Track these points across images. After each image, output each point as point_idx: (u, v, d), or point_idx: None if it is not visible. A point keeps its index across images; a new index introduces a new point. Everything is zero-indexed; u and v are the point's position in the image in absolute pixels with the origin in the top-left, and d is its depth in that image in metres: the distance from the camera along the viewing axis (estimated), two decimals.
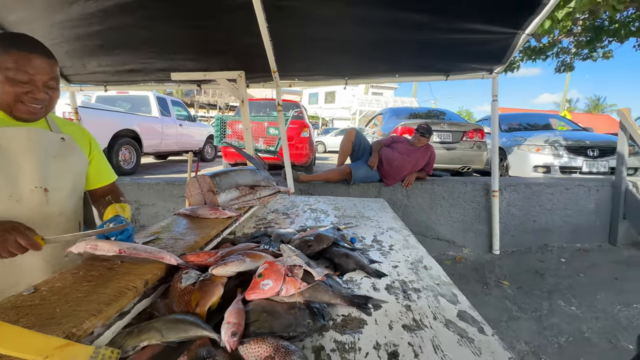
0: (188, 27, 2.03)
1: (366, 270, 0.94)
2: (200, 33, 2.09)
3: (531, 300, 2.08)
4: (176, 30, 2.06)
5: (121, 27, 1.96)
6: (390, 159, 2.76)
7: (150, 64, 2.43)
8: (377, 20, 1.96)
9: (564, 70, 6.68)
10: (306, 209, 1.82)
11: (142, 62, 2.42)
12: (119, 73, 2.56)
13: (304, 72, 2.57)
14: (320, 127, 24.19)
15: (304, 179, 2.77)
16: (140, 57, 2.35)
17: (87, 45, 2.16)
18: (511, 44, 2.12)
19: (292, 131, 4.68)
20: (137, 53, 2.30)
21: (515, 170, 4.77)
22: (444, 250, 2.88)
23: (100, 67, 2.48)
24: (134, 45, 2.20)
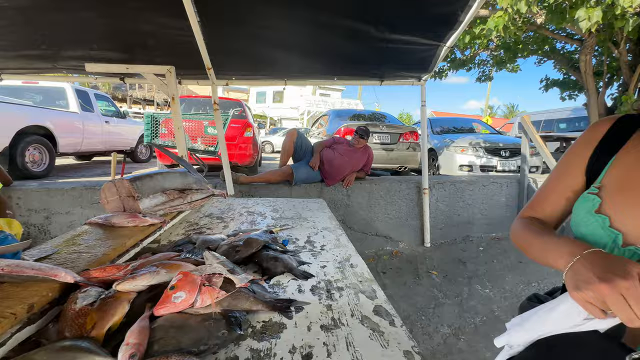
0: (110, 14, 1.83)
1: (294, 272, 0.94)
2: (124, 21, 1.90)
3: (455, 286, 2.31)
4: (96, 15, 1.84)
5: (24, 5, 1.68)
6: (331, 159, 2.83)
7: (60, 50, 2.13)
8: (315, 26, 2.00)
9: (484, 80, 7.58)
10: (243, 212, 1.77)
11: (50, 48, 2.10)
12: (18, 58, 2.19)
13: (241, 71, 2.49)
14: (268, 126, 23.83)
15: (244, 180, 2.68)
16: (48, 41, 2.03)
17: None
18: (435, 55, 2.33)
19: (235, 131, 4.52)
20: (45, 36, 1.99)
21: (445, 169, 5.27)
22: (383, 245, 3.05)
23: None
24: (42, 26, 1.90)
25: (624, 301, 0.36)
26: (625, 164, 0.51)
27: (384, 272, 2.55)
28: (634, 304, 0.35)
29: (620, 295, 0.36)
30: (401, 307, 2.03)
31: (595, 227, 0.50)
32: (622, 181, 0.50)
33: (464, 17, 1.93)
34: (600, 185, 0.53)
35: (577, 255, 0.44)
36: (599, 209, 0.50)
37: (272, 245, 1.11)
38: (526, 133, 3.30)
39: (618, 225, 0.48)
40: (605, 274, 0.38)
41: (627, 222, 0.47)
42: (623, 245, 0.47)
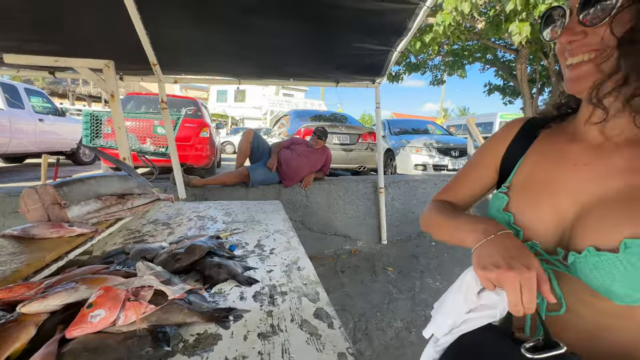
0: None
1: (238, 279, 0.91)
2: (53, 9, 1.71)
3: (408, 281, 2.42)
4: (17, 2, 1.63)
5: None
6: (288, 160, 2.81)
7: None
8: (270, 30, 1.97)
9: (437, 83, 8.06)
10: (193, 216, 1.68)
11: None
12: None
13: (192, 67, 2.38)
14: (230, 126, 23.10)
15: (197, 183, 2.56)
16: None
17: None
18: (387, 59, 2.42)
19: (190, 131, 4.31)
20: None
21: (401, 168, 5.51)
22: (342, 245, 3.09)
23: None
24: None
25: (519, 288, 0.39)
26: (527, 165, 0.56)
27: (342, 271, 2.59)
28: (525, 292, 0.39)
29: (518, 282, 0.39)
30: (358, 304, 2.07)
31: (503, 223, 0.53)
32: (523, 182, 0.55)
33: (412, 24, 2.02)
34: (509, 184, 0.57)
35: (491, 235, 0.46)
36: (506, 207, 0.54)
37: (217, 251, 1.07)
38: (471, 134, 3.57)
39: (519, 222, 0.52)
40: (513, 260, 0.41)
41: (525, 220, 0.51)
42: (523, 241, 0.51)
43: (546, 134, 0.56)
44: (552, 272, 0.48)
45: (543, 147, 0.55)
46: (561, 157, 0.51)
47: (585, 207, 0.45)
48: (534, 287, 0.39)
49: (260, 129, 16.35)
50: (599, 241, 0.42)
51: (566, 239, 0.47)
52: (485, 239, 0.46)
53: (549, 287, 0.41)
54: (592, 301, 0.44)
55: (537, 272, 0.40)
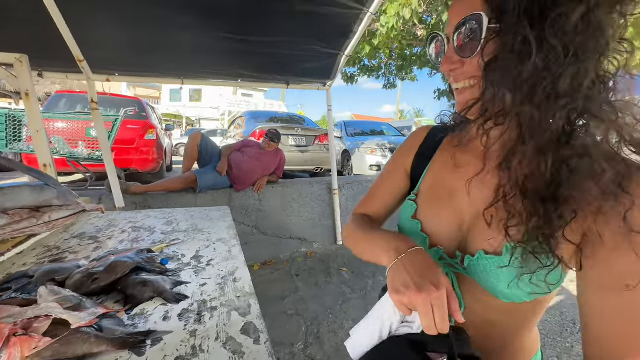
0: None
1: (165, 296, 0.84)
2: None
3: (361, 281, 2.47)
4: None
5: None
6: (240, 163, 2.72)
7: None
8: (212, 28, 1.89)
9: (389, 87, 8.41)
10: (127, 228, 1.55)
11: None
12: None
13: (127, 65, 2.19)
14: (185, 127, 21.92)
15: (136, 190, 2.36)
16: None
17: None
18: (336, 62, 2.45)
19: (133, 133, 3.99)
20: None
21: (357, 169, 5.65)
22: (297, 248, 3.07)
23: None
24: None
25: (430, 310, 0.40)
26: (432, 173, 0.58)
27: (297, 275, 2.57)
28: (437, 313, 0.40)
29: (429, 304, 0.40)
30: (311, 308, 2.07)
31: (412, 231, 0.56)
32: (428, 189, 0.57)
33: (357, 28, 2.07)
34: (417, 192, 0.59)
35: (402, 253, 0.46)
36: (415, 215, 0.56)
37: (146, 266, 0.99)
38: None
39: (426, 229, 0.54)
40: (421, 279, 0.42)
41: (431, 226, 0.54)
42: (429, 247, 0.53)
43: (448, 141, 0.59)
44: (454, 274, 0.50)
45: (445, 154, 0.57)
46: (459, 164, 0.53)
47: (478, 212, 0.48)
48: (444, 305, 0.40)
49: (217, 130, 15.72)
50: (486, 245, 0.45)
51: (464, 243, 0.50)
52: (397, 259, 0.46)
53: (457, 305, 0.42)
54: (486, 299, 0.48)
55: (447, 290, 0.41)
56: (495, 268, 0.43)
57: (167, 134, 5.83)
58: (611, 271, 0.37)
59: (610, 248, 0.37)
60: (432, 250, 0.53)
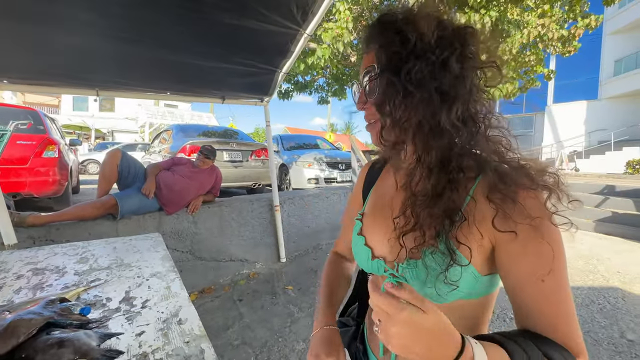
0: None
1: (91, 356, 0.69)
2: None
3: (308, 298, 2.44)
4: None
5: None
6: (170, 183, 2.47)
7: None
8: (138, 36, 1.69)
9: (323, 102, 8.76)
10: (25, 271, 1.25)
11: None
12: None
13: (25, 73, 1.81)
14: (93, 141, 19.07)
15: (34, 221, 1.93)
16: None
17: None
18: (273, 79, 2.45)
19: (26, 150, 3.30)
20: None
21: (295, 183, 5.67)
22: (239, 270, 2.90)
23: None
24: None
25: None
26: (373, 195, 0.68)
27: (240, 300, 2.41)
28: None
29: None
30: (258, 334, 1.95)
31: (359, 245, 0.62)
32: (370, 209, 0.66)
33: (294, 47, 2.10)
34: (363, 212, 0.67)
35: (318, 329, 0.65)
36: (360, 232, 0.64)
37: (59, 321, 0.80)
38: (354, 150, 3.99)
39: (369, 243, 0.61)
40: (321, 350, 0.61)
41: (372, 240, 0.61)
42: (372, 259, 0.59)
43: (387, 168, 0.69)
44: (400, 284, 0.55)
45: (383, 180, 0.68)
46: (390, 186, 0.63)
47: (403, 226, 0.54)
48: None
49: (136, 143, 14.07)
50: (410, 252, 0.51)
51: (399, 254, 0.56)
52: (313, 333, 0.65)
53: None
54: None
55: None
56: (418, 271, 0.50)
57: (71, 150, 4.97)
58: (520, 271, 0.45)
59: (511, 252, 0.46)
60: (374, 262, 0.58)
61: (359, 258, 0.63)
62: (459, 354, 0.36)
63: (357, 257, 0.64)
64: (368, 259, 0.59)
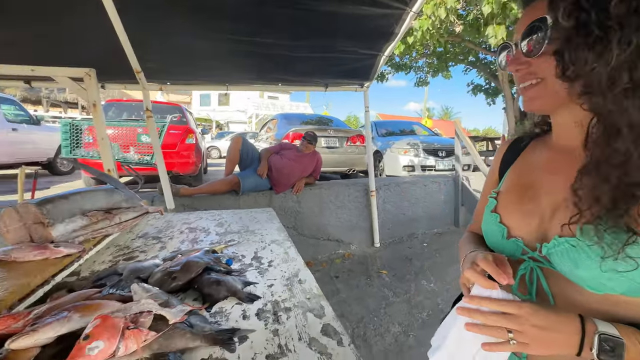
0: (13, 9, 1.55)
1: (238, 296, 0.88)
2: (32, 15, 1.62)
3: (403, 284, 2.43)
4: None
5: None
6: (279, 166, 2.78)
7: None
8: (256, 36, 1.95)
9: (421, 84, 8.21)
10: (184, 229, 1.63)
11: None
12: None
13: (177, 75, 2.32)
14: (214, 130, 22.76)
15: (185, 192, 2.49)
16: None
17: None
18: (375, 63, 2.44)
19: (175, 138, 4.21)
20: None
21: (389, 170, 5.56)
22: (335, 249, 3.08)
23: None
24: None
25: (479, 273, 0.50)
26: (514, 174, 0.64)
27: (336, 276, 2.58)
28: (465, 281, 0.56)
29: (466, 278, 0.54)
30: (354, 310, 2.06)
31: (491, 223, 0.60)
32: (509, 187, 0.62)
33: (399, 29, 2.04)
34: (498, 190, 0.65)
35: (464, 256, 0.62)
36: (494, 209, 0.62)
37: (214, 266, 1.03)
38: (458, 135, 3.64)
39: (505, 221, 0.58)
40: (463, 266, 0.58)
41: (509, 219, 0.58)
42: (508, 238, 0.56)
43: (530, 147, 0.65)
44: (540, 269, 0.52)
45: (527, 158, 0.64)
46: (541, 164, 0.58)
47: (558, 206, 0.51)
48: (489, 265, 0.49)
49: (246, 132, 16.19)
50: (562, 229, 0.47)
51: (545, 235, 0.52)
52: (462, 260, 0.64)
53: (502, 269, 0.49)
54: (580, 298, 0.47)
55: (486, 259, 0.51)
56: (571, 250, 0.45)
57: (202, 138, 6.10)
58: None
59: None
60: (510, 242, 0.56)
61: (490, 237, 0.61)
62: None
63: (488, 236, 0.62)
64: (502, 238, 0.57)
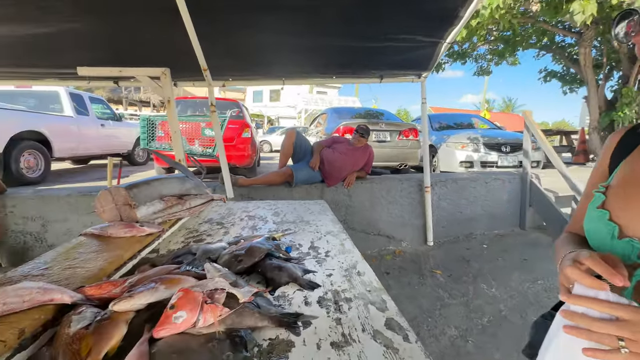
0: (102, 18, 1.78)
1: (299, 282, 0.90)
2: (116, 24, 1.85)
3: (460, 286, 2.28)
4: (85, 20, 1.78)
5: None
6: (331, 159, 2.79)
7: (52, 55, 2.08)
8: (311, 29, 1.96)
9: (482, 74, 7.54)
10: (244, 216, 1.73)
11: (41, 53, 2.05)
12: (10, 63, 2.14)
13: (238, 71, 2.45)
14: (265, 125, 23.75)
15: (243, 183, 2.64)
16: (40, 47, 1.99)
17: None
18: (435, 52, 2.29)
19: (232, 132, 4.47)
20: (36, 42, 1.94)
21: (444, 165, 5.24)
22: (385, 245, 3.02)
23: None
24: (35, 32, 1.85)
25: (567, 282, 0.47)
26: (627, 167, 0.57)
27: (387, 273, 2.52)
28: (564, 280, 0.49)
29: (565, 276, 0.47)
30: (407, 308, 2.00)
31: (597, 221, 0.54)
32: (622, 181, 0.56)
33: (464, 12, 1.89)
34: (607, 185, 0.58)
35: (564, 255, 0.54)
36: (602, 205, 0.55)
37: (275, 253, 1.07)
38: (528, 128, 3.27)
39: (616, 219, 0.52)
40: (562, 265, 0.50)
41: (623, 216, 0.51)
42: (619, 237, 0.50)
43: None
44: None
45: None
46: None
47: None
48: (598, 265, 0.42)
49: (295, 127, 16.61)
50: None
51: None
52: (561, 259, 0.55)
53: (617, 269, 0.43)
54: None
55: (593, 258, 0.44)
56: None
57: (256, 132, 6.41)
58: None
59: None
60: (624, 241, 0.50)
61: (595, 237, 0.55)
62: None
63: (592, 236, 0.55)
64: (611, 237, 0.51)
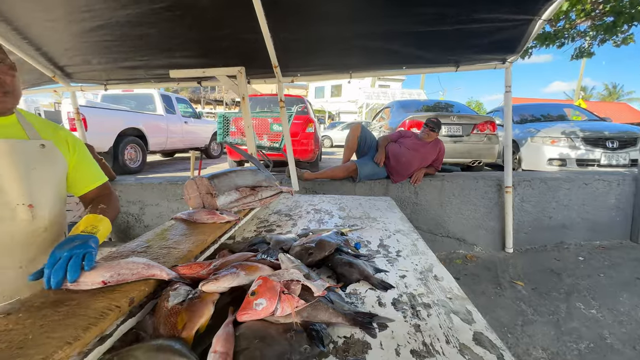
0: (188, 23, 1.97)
1: (371, 281, 0.87)
2: (199, 28, 2.03)
3: (547, 302, 1.98)
4: (176, 25, 2.00)
5: (122, 22, 1.91)
6: (397, 154, 2.66)
7: (150, 60, 2.39)
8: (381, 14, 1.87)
9: (582, 56, 6.36)
10: (310, 209, 1.76)
11: (142, 59, 2.37)
12: (119, 70, 2.53)
13: (306, 67, 2.48)
14: (327, 121, 24.04)
15: (308, 176, 2.69)
16: (140, 54, 2.30)
17: (87, 41, 2.12)
18: (526, 32, 1.99)
19: (297, 127, 4.61)
20: (138, 49, 2.25)
21: (528, 163, 4.60)
22: (455, 248, 2.78)
23: (101, 65, 2.44)
24: (135, 41, 2.15)
25: None
26: None
27: (457, 278, 2.32)
28: None
29: None
30: None
31: None
32: None
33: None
34: None
35: None
36: None
37: (344, 248, 1.05)
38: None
39: None
40: None
41: None
42: None
43: None
44: None
45: None
46: None
47: None
48: None
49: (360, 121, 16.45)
50: None
51: None
52: None
53: None
54: None
55: None
56: None
57: (319, 127, 6.52)
58: None
59: None
60: None
61: None
62: None
63: None
64: None
